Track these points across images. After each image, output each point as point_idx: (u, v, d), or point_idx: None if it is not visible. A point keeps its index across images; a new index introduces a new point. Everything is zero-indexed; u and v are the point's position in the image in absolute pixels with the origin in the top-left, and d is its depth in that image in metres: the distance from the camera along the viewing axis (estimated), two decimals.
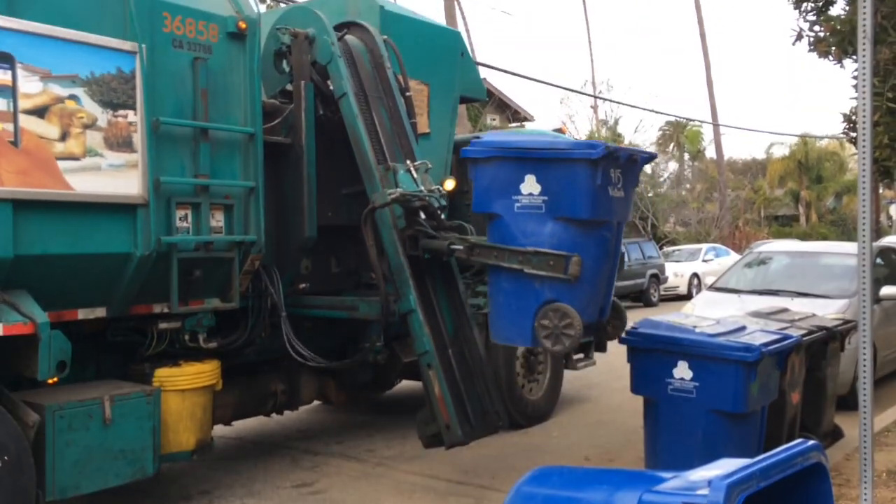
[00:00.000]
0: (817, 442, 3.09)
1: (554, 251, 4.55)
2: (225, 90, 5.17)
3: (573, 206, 4.56)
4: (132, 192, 4.59)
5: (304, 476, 6.02)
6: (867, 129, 4.03)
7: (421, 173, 5.59)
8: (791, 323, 5.93)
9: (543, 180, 4.57)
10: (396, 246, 5.50)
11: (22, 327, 4.04)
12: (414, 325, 5.44)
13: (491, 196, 4.78)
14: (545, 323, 4.60)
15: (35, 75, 4.20)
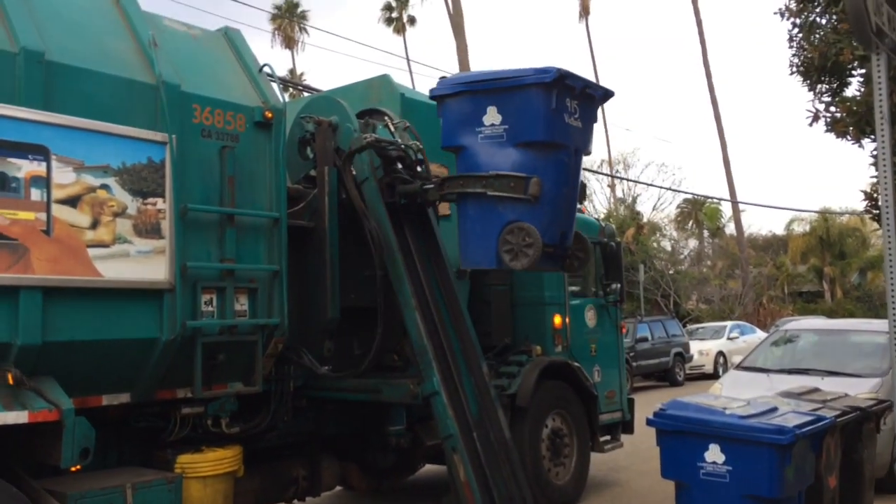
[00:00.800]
0: None
1: (514, 174, 4.89)
2: (251, 177, 5.30)
3: (530, 130, 4.91)
4: (159, 277, 4.65)
5: None
6: (890, 207, 4.03)
7: (399, 131, 5.93)
8: (823, 403, 5.80)
9: (503, 111, 4.95)
10: (419, 327, 5.51)
11: (47, 414, 4.04)
12: (437, 408, 5.38)
13: (457, 130, 5.17)
14: (508, 238, 4.91)
15: (68, 166, 4.34)
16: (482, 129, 5.00)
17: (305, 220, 5.83)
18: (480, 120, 5.00)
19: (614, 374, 8.43)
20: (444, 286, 5.96)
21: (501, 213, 5.03)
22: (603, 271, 8.53)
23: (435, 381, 5.41)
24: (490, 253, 5.05)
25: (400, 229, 5.94)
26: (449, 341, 5.67)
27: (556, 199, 5.06)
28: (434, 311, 5.76)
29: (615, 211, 36.41)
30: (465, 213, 5.27)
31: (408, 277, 5.72)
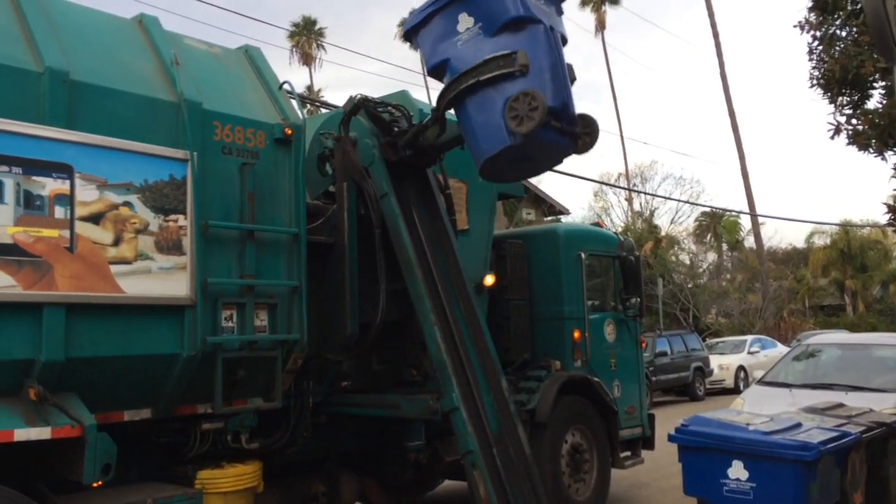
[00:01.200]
0: None
1: (499, 53, 4.99)
2: (271, 193, 5.33)
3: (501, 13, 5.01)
4: (181, 293, 4.68)
5: None
6: None
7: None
8: (848, 419, 5.73)
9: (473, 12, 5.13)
10: (438, 342, 5.50)
11: (70, 430, 4.06)
12: (457, 424, 5.36)
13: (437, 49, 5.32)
14: (514, 105, 4.89)
15: (92, 184, 4.39)
16: (459, 36, 5.16)
17: (325, 236, 5.85)
18: (455, 30, 5.16)
19: (634, 389, 8.37)
20: (463, 301, 5.94)
21: (498, 98, 5.07)
22: (622, 285, 8.49)
23: (455, 396, 5.40)
24: (499, 132, 5.04)
25: (419, 245, 5.94)
26: (468, 357, 5.65)
27: (547, 69, 5.09)
28: (453, 327, 5.73)
29: (633, 224, 36.27)
30: (467, 114, 5.31)
31: (427, 293, 5.71)
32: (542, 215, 29.04)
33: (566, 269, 7.92)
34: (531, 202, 28.34)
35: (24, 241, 4.08)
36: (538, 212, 29.17)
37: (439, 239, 6.10)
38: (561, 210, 30.17)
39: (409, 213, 6.01)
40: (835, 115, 6.98)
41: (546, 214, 29.22)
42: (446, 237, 6.15)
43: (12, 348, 4.03)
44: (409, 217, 6.00)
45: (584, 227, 9.22)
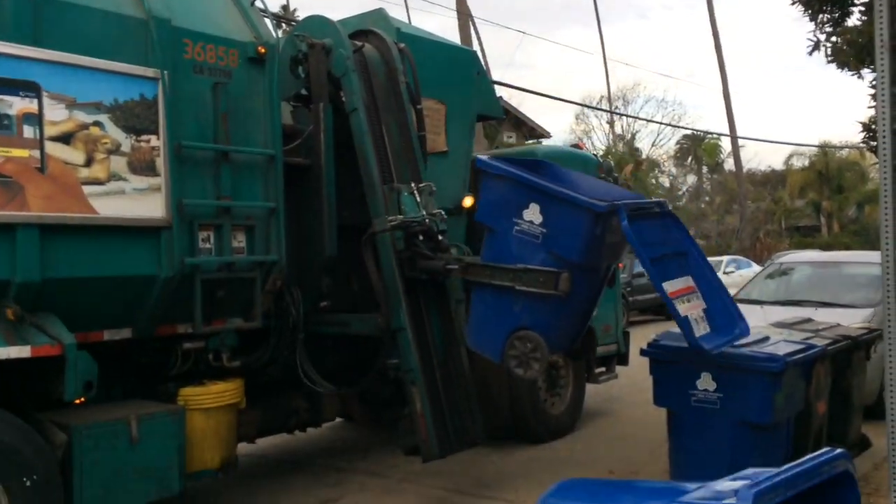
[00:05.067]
0: (844, 451, 3.07)
1: (544, 268, 4.58)
2: (245, 114, 5.25)
3: (568, 248, 4.56)
4: (156, 214, 4.67)
5: (328, 492, 6.04)
6: (887, 138, 4.02)
7: (425, 195, 5.68)
8: (815, 333, 5.89)
9: (546, 212, 4.57)
10: (392, 265, 5.57)
11: (49, 349, 4.11)
12: (402, 343, 5.50)
13: (494, 212, 4.85)
14: (516, 343, 4.65)
15: (60, 103, 4.31)
16: (520, 221, 4.65)
17: (302, 158, 5.80)
18: (521, 212, 4.63)
19: (610, 308, 8.52)
20: None
21: (517, 314, 4.77)
22: None
23: (402, 317, 5.48)
24: (497, 347, 4.86)
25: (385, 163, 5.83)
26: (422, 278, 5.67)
27: (576, 311, 4.93)
28: None
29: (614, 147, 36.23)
30: (483, 296, 5.02)
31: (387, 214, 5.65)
32: (524, 138, 28.89)
33: None
34: (512, 125, 28.14)
35: None
36: (519, 135, 29.00)
37: (406, 156, 6.01)
38: (542, 133, 30.01)
39: (377, 129, 5.89)
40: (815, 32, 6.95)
41: (527, 137, 29.08)
42: (412, 154, 6.06)
43: None
44: (378, 132, 5.89)
45: (564, 149, 9.20)
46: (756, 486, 2.69)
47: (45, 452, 4.06)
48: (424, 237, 5.53)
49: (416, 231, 5.49)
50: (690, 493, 3.00)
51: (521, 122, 28.82)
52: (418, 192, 5.63)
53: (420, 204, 5.57)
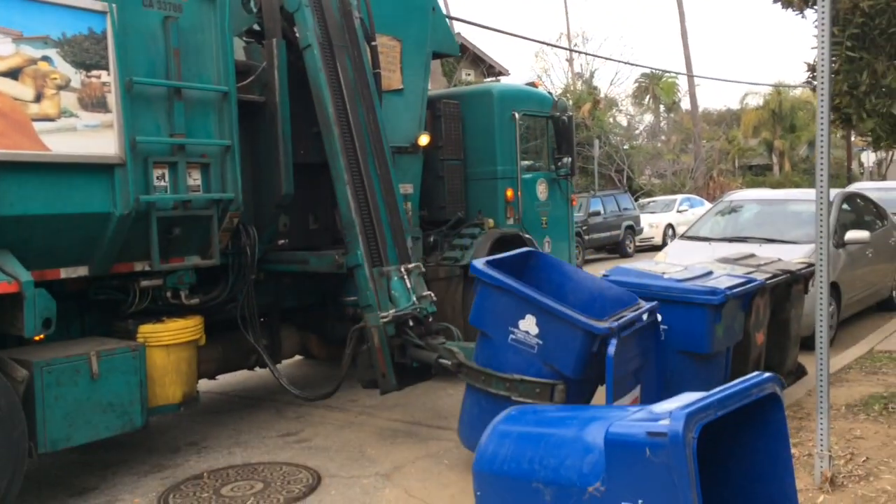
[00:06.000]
0: (773, 374, 3.29)
1: (540, 380, 4.51)
2: (197, 49, 5.19)
3: (563, 363, 4.45)
4: (109, 152, 4.64)
5: (289, 426, 6.20)
6: (825, 77, 4.17)
7: (414, 276, 5.66)
8: (757, 268, 6.13)
9: (542, 326, 4.47)
10: (349, 201, 5.59)
11: (6, 286, 4.12)
12: (360, 280, 5.57)
13: (489, 318, 4.70)
14: None
15: (7, 37, 4.22)
16: (515, 331, 4.55)
17: (256, 95, 5.77)
18: (516, 322, 4.53)
19: (564, 245, 8.74)
20: (378, 159, 5.90)
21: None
22: (555, 145, 8.66)
23: (359, 254, 5.54)
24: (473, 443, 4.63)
25: (340, 100, 5.82)
26: (378, 215, 5.72)
27: None
28: (367, 185, 5.73)
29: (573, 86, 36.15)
30: (477, 399, 4.90)
31: (342, 151, 5.67)
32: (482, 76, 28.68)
33: (500, 129, 8.02)
34: (470, 63, 27.89)
35: None
36: (477, 73, 28.77)
37: (362, 93, 5.98)
38: (501, 71, 29.80)
39: (332, 66, 5.85)
40: None
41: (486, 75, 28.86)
42: (368, 92, 6.04)
43: None
44: (333, 69, 5.84)
45: (519, 88, 9.24)
46: (688, 407, 2.91)
47: (7, 388, 4.11)
48: (415, 322, 5.55)
49: (406, 318, 5.49)
50: (631, 414, 3.22)
51: (479, 60, 28.56)
52: (408, 275, 5.59)
53: (410, 289, 5.54)
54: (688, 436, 2.76)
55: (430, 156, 7.61)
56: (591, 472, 3.09)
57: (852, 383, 6.63)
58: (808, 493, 4.33)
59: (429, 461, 5.34)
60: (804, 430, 5.39)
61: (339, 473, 5.17)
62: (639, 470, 2.90)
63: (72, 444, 4.52)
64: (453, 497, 4.70)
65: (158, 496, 4.87)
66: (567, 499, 3.15)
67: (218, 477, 5.15)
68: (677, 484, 2.76)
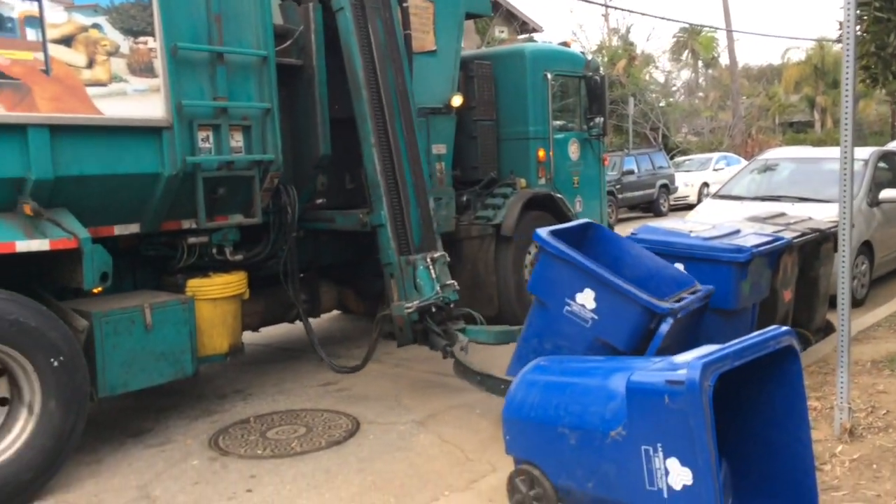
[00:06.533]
0: (789, 328, 3.43)
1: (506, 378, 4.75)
2: (237, 15, 5.35)
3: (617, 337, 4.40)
4: (157, 115, 4.87)
5: (328, 376, 6.48)
6: (851, 37, 4.21)
7: (439, 265, 5.81)
8: (786, 226, 6.19)
9: (600, 300, 4.46)
10: (374, 163, 5.77)
11: (66, 242, 4.40)
12: (382, 238, 5.80)
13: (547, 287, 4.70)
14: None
15: (59, 5, 4.44)
16: (572, 303, 4.54)
17: (293, 58, 5.94)
18: (573, 294, 4.53)
19: (595, 205, 8.86)
20: (405, 120, 6.04)
21: None
22: (587, 105, 8.72)
23: (383, 214, 5.75)
24: None
25: (370, 63, 5.94)
26: (402, 176, 5.90)
27: None
28: (393, 147, 5.89)
29: (608, 42, 35.60)
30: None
31: (371, 113, 5.83)
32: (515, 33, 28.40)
33: (532, 90, 8.11)
34: (503, 20, 27.62)
35: (2, 64, 4.20)
36: (510, 29, 28.50)
37: (392, 56, 6.08)
38: (535, 27, 29.48)
39: (363, 28, 5.95)
40: None
41: (519, 32, 28.58)
42: (398, 54, 6.13)
43: (3, 166, 4.27)
44: (364, 32, 5.95)
45: (551, 47, 9.27)
46: (705, 356, 3.06)
47: (69, 337, 4.42)
48: (437, 309, 5.73)
49: (430, 307, 5.67)
50: (652, 365, 3.38)
51: (512, 16, 28.27)
52: (433, 264, 5.75)
53: (435, 278, 5.73)
54: (704, 384, 2.93)
55: (462, 116, 7.73)
56: (613, 417, 3.27)
57: (880, 340, 6.72)
58: (826, 443, 4.49)
59: (461, 410, 5.58)
60: (828, 385, 5.52)
61: (376, 420, 5.43)
62: (658, 416, 3.06)
63: (128, 390, 4.84)
64: (483, 442, 4.95)
65: (209, 437, 5.20)
66: (591, 442, 3.36)
67: (263, 421, 5.46)
68: (693, 428, 2.94)
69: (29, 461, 4.24)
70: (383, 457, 4.80)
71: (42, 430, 4.29)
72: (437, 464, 4.69)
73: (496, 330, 5.92)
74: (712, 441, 2.94)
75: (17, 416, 4.30)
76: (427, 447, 4.93)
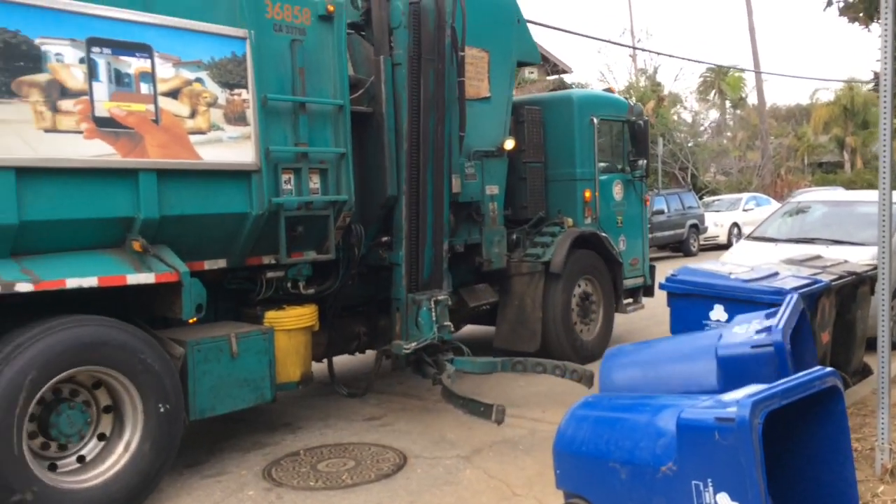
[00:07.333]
0: (833, 369, 3.55)
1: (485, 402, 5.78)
2: (318, 67, 5.83)
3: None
4: (248, 160, 5.32)
5: (372, 411, 6.74)
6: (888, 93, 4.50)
7: (440, 307, 6.47)
8: (823, 269, 6.31)
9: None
10: (402, 209, 6.34)
11: (169, 276, 4.83)
12: (396, 275, 6.44)
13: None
14: None
15: (168, 62, 4.92)
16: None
17: (365, 106, 6.39)
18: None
19: (638, 243, 9.20)
20: (436, 167, 6.53)
21: None
22: (630, 148, 9.11)
23: (400, 254, 6.38)
24: None
25: (415, 114, 6.38)
26: (425, 218, 6.47)
27: None
28: (420, 192, 6.44)
29: (636, 83, 36.08)
30: None
31: (407, 164, 6.34)
32: (546, 74, 28.92)
33: (579, 133, 8.52)
34: None
35: (119, 115, 4.68)
36: (541, 71, 29.04)
37: (436, 106, 6.50)
38: (564, 69, 30.00)
39: (416, 80, 6.37)
40: None
41: (549, 73, 29.09)
42: (443, 104, 6.55)
43: (117, 207, 4.73)
44: (416, 83, 6.37)
45: (597, 94, 9.71)
46: (755, 395, 3.17)
47: (168, 364, 4.83)
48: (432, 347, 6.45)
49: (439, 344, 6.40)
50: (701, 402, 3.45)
51: (543, 58, 28.74)
52: (435, 306, 6.41)
53: (435, 320, 6.38)
54: (754, 421, 3.02)
55: (513, 158, 8.14)
56: (663, 453, 3.34)
57: None
58: (868, 483, 4.59)
59: (505, 446, 5.71)
60: (867, 426, 5.65)
61: (422, 454, 5.59)
62: (708, 452, 3.14)
63: (215, 413, 5.22)
64: (529, 479, 5.04)
65: (262, 469, 5.41)
66: (641, 477, 3.41)
67: (313, 454, 5.66)
68: (744, 464, 3.00)
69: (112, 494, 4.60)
70: (432, 490, 4.94)
71: (132, 468, 4.68)
72: (484, 498, 4.81)
73: (481, 361, 6.64)
74: (762, 476, 3.01)
75: (112, 450, 4.71)
76: (474, 482, 5.06)
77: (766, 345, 3.35)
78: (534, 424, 6.16)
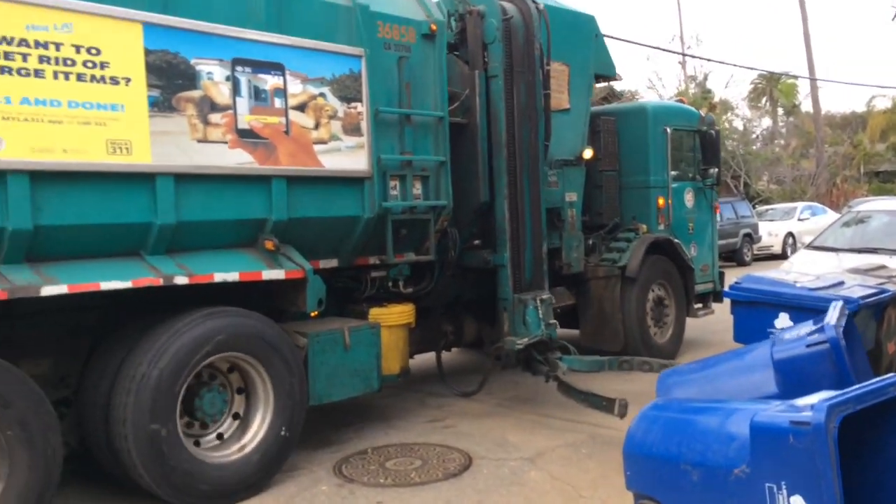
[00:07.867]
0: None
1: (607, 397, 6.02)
2: (421, 82, 6.28)
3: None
4: (362, 167, 5.79)
5: (434, 413, 6.94)
6: None
7: (545, 306, 6.73)
8: (889, 279, 6.44)
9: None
10: (505, 213, 6.68)
11: (296, 272, 5.31)
12: (501, 277, 6.76)
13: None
14: None
15: (297, 79, 5.41)
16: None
17: (460, 118, 6.82)
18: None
19: (708, 250, 9.49)
20: (532, 174, 6.89)
21: None
22: (701, 157, 9.41)
23: (505, 256, 6.69)
24: None
25: (511, 124, 6.75)
26: (524, 222, 6.81)
27: None
28: (519, 198, 6.79)
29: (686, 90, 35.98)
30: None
31: (506, 170, 6.71)
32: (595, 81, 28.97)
33: (653, 143, 8.86)
34: None
35: (257, 127, 5.18)
36: None
37: (529, 115, 6.90)
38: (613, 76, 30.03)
39: (510, 91, 6.75)
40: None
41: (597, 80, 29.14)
42: (535, 113, 6.94)
43: (253, 210, 5.23)
44: (510, 94, 6.75)
45: (670, 105, 10.04)
46: (830, 399, 3.10)
47: (297, 354, 5.31)
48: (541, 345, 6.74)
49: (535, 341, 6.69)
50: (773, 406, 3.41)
51: None
52: (541, 304, 6.69)
53: (541, 318, 6.65)
54: (830, 425, 2.99)
55: (590, 167, 8.50)
56: (736, 456, 3.34)
57: None
58: None
59: (567, 450, 5.78)
60: None
61: (487, 456, 5.69)
62: (782, 455, 3.12)
63: (331, 400, 5.68)
64: (594, 481, 5.11)
65: (333, 465, 5.58)
66: (714, 479, 3.42)
67: (380, 453, 5.83)
68: (820, 468, 2.98)
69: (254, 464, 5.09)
70: (499, 490, 5.03)
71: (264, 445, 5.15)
72: (550, 499, 4.87)
73: (588, 360, 6.90)
74: (838, 480, 2.98)
75: (247, 429, 5.21)
76: (540, 483, 5.12)
77: (822, 342, 3.58)
78: (593, 429, 6.26)
